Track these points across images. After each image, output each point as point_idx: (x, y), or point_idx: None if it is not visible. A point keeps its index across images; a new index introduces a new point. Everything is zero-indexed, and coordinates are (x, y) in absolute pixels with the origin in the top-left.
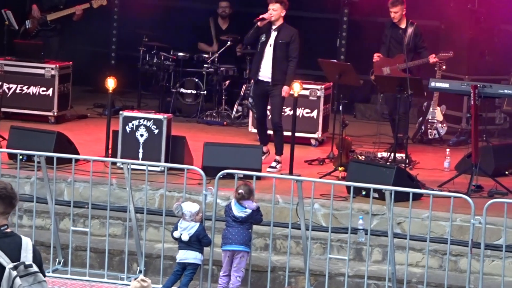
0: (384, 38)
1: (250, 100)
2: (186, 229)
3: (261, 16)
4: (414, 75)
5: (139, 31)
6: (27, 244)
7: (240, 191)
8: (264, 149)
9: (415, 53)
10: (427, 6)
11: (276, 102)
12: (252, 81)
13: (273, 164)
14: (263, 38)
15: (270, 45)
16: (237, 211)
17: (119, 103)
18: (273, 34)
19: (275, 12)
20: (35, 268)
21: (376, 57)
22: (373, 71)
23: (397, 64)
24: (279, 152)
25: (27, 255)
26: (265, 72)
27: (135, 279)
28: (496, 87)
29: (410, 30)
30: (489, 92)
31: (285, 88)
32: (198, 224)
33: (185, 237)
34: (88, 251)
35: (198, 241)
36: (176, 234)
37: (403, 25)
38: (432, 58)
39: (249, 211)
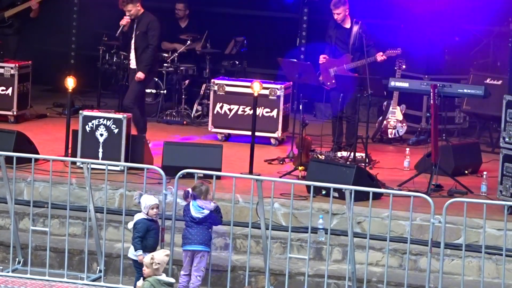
0: (327, 39)
1: None
2: (133, 220)
3: (121, 24)
4: (361, 74)
5: (99, 31)
6: None
7: (191, 193)
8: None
9: (361, 52)
10: (386, 5)
11: (132, 87)
12: None
13: None
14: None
15: (132, 37)
16: (195, 212)
17: (78, 103)
18: (134, 26)
19: (131, 13)
20: None
21: (322, 58)
22: (320, 73)
23: (344, 65)
24: (141, 131)
25: None
26: (133, 61)
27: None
28: (456, 86)
29: (355, 29)
30: (448, 91)
31: (139, 74)
32: (141, 218)
33: (129, 225)
34: (48, 251)
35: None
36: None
37: (347, 25)
38: (380, 56)
39: (206, 211)
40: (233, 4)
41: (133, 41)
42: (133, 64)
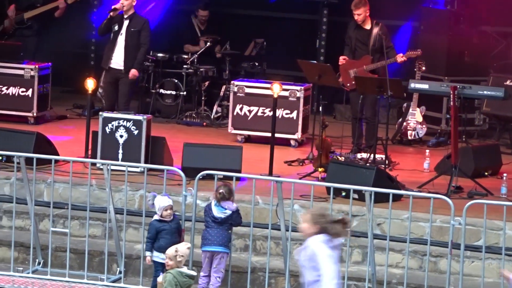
0: (347, 40)
1: (100, 90)
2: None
3: (113, 7)
4: (381, 76)
5: None
6: None
7: (220, 191)
8: None
9: (381, 53)
10: (406, 6)
11: (124, 91)
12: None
13: None
14: (115, 27)
15: (122, 34)
16: (217, 212)
17: (98, 104)
18: (125, 23)
19: (126, 2)
20: None
21: (342, 60)
22: (340, 74)
23: (364, 66)
24: None
25: None
26: (117, 60)
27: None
28: (476, 88)
29: (375, 30)
30: (468, 93)
31: (133, 71)
32: (153, 219)
33: None
34: (68, 252)
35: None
36: None
37: (367, 26)
38: (400, 58)
39: (229, 212)
40: (252, 6)
41: (122, 39)
42: (117, 64)
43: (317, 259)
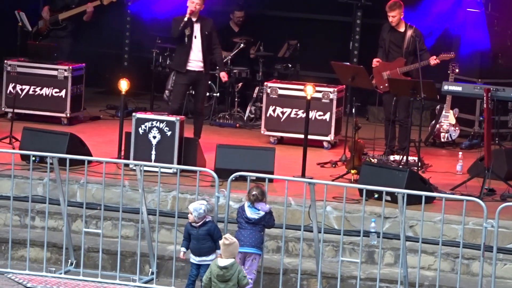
0: (381, 42)
1: (167, 93)
2: None
3: (189, 10)
4: (414, 78)
5: (152, 33)
6: None
7: (254, 193)
8: None
9: (414, 55)
10: (439, 9)
11: (202, 91)
12: (173, 73)
13: None
14: (187, 31)
15: (195, 37)
16: (250, 213)
17: (132, 105)
18: (196, 26)
19: (198, 4)
20: None
21: (375, 62)
22: (373, 76)
23: (397, 68)
24: (199, 134)
25: None
26: (196, 63)
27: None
28: (509, 90)
29: (409, 33)
30: (502, 95)
31: (223, 74)
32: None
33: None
34: (101, 253)
35: None
36: None
37: (402, 29)
38: (433, 60)
39: (262, 213)
40: (286, 7)
41: (197, 42)
42: (198, 66)
43: None
